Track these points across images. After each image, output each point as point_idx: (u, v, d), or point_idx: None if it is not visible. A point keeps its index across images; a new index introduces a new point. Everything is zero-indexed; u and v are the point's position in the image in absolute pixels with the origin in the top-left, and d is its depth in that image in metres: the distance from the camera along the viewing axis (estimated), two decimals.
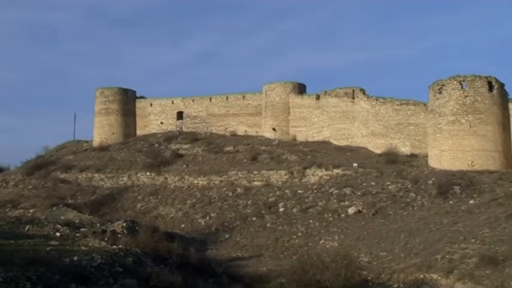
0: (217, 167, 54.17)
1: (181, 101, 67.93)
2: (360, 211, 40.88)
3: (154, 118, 68.56)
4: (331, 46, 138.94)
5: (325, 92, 57.28)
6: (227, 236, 41.64)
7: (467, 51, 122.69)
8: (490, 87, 43.74)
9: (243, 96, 64.95)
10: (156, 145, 63.03)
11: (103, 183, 56.78)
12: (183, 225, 44.82)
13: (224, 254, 37.93)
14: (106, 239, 25.96)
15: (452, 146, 43.75)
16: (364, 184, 44.08)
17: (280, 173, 49.80)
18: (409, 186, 42.25)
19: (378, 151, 50.35)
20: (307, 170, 48.92)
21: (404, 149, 49.54)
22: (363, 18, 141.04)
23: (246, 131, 63.27)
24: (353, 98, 54.53)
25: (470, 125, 43.39)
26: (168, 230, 39.24)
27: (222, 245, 40.15)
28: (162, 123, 68.04)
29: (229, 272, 26.74)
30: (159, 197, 51.41)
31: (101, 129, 67.97)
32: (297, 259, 32.78)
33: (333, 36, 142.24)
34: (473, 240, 31.59)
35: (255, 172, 50.98)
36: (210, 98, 66.67)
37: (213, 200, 48.04)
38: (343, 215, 41.16)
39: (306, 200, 44.49)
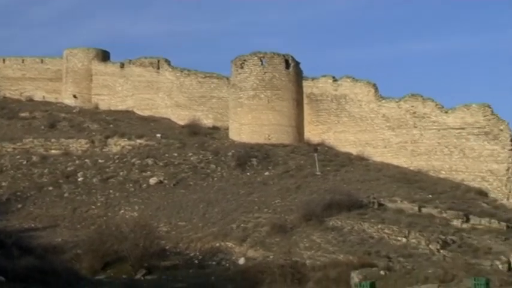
0: (11, 133, 50.64)
1: None
2: (161, 181, 41.11)
3: None
4: (138, 14, 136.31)
5: (130, 60, 56.24)
6: (19, 206, 39.41)
7: (273, 29, 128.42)
8: (287, 65, 46.30)
9: (42, 60, 61.37)
10: None
11: None
12: None
13: (15, 224, 36.00)
14: None
15: (252, 120, 45.66)
16: (167, 155, 44.33)
17: (80, 141, 48.02)
18: (210, 157, 43.38)
19: (182, 122, 50.82)
20: (109, 140, 47.80)
21: (207, 121, 50.58)
22: None
23: (44, 97, 59.96)
24: (158, 68, 54.20)
25: (268, 100, 45.59)
26: None
27: (14, 215, 37.96)
28: None
29: (20, 244, 25.30)
30: None
31: None
32: (94, 229, 32.24)
33: (141, 5, 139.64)
34: (266, 209, 33.54)
35: (53, 140, 48.53)
36: (4, 60, 61.86)
37: (4, 169, 44.84)
38: (144, 185, 41.08)
39: (107, 169, 43.59)
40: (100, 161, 44.97)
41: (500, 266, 26.07)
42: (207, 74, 52.29)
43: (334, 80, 45.58)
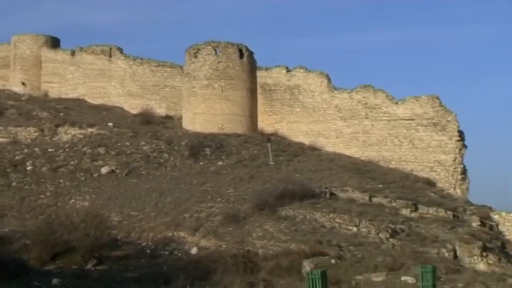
0: None
1: None
2: (113, 171, 40.62)
3: None
4: (89, 1, 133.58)
5: (81, 48, 55.22)
6: None
7: (226, 18, 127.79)
8: (241, 55, 46.24)
9: None
10: None
11: None
12: None
13: None
14: None
15: (205, 109, 45.47)
16: (119, 144, 43.77)
17: (29, 130, 46.94)
18: (163, 147, 43.05)
19: (134, 111, 50.23)
20: (60, 128, 46.86)
21: (160, 110, 50.15)
22: None
23: None
24: (110, 56, 53.37)
25: (222, 90, 45.48)
26: None
27: None
28: None
29: None
30: None
31: None
32: (44, 219, 31.67)
33: None
34: (219, 199, 33.53)
35: (0, 128, 47.32)
36: None
37: None
38: (96, 174, 40.54)
39: (57, 158, 42.79)
40: (50, 149, 44.10)
41: (446, 254, 26.88)
42: (160, 62, 51.78)
43: (288, 70, 45.76)
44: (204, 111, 45.44)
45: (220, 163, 40.55)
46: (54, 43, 58.15)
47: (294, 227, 29.28)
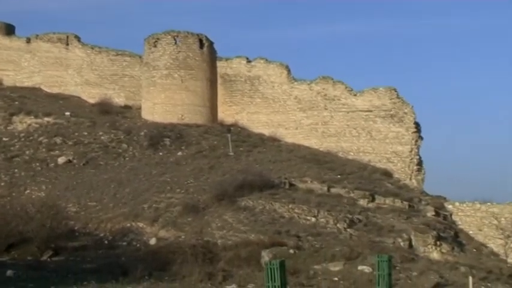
0: None
1: None
2: (70, 161, 39.95)
3: None
4: None
5: (37, 35, 54.03)
6: None
7: (187, 8, 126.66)
8: (201, 45, 46.00)
9: None
10: None
11: None
12: None
13: None
14: None
15: (165, 99, 45.13)
16: (76, 134, 43.06)
17: None
18: (122, 137, 42.57)
19: (92, 101, 49.47)
20: (14, 117, 45.82)
21: (119, 100, 49.51)
22: None
23: None
24: (67, 44, 52.39)
25: (182, 80, 45.19)
26: None
27: None
28: None
29: None
30: None
31: None
32: None
33: None
34: (178, 190, 33.42)
35: None
36: None
37: None
38: (52, 164, 39.79)
39: (12, 148, 41.85)
40: (4, 139, 43.11)
41: (402, 244, 27.48)
42: (119, 51, 51.04)
43: (248, 61, 45.79)
44: (164, 101, 45.09)
45: (179, 153, 40.36)
46: (8, 30, 56.72)
47: (253, 218, 29.41)
